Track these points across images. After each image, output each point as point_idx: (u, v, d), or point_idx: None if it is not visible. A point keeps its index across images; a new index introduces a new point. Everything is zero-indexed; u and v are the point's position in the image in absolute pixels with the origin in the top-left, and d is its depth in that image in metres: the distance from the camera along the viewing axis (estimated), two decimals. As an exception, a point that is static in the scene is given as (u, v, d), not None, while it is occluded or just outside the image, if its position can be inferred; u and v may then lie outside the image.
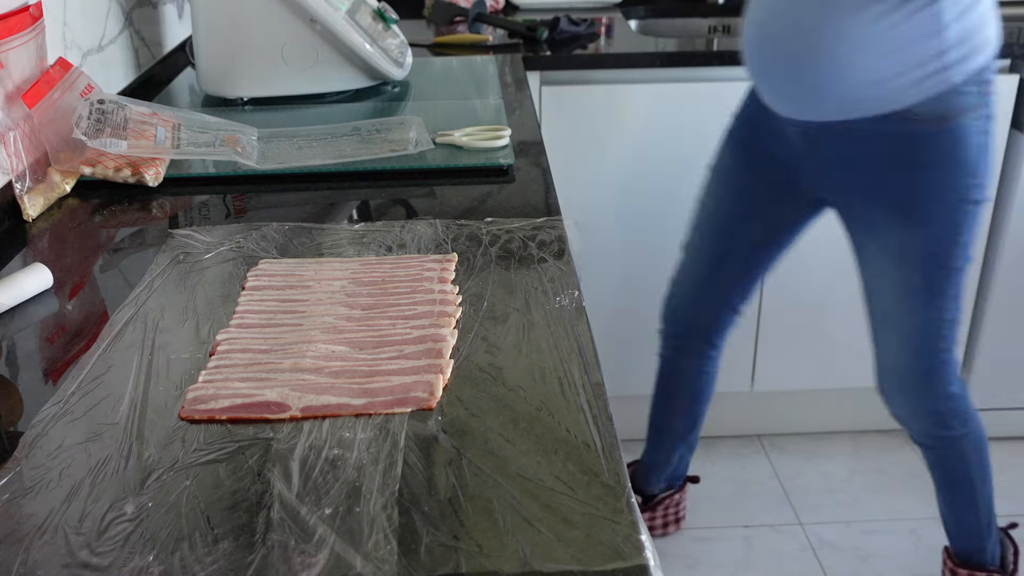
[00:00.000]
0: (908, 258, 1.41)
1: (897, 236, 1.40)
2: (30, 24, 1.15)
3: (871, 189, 1.40)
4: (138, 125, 1.23)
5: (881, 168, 1.37)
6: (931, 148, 1.33)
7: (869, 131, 1.34)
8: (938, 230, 1.38)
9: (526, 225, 1.06)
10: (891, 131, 1.33)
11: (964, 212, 1.37)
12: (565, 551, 0.58)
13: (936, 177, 1.35)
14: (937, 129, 1.32)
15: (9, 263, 1.03)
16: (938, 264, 1.40)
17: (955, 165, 1.34)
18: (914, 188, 1.36)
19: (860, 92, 1.30)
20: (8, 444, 0.70)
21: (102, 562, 0.58)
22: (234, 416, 0.72)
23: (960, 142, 1.32)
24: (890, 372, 1.55)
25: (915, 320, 1.46)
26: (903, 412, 1.59)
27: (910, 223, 1.38)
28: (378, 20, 1.62)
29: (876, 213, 1.41)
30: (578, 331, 0.83)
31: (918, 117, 1.31)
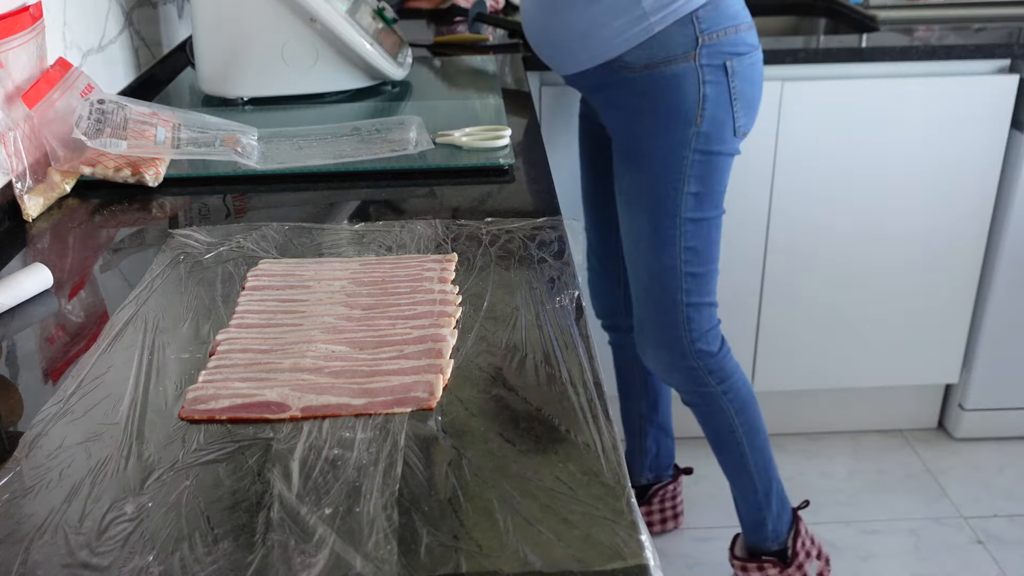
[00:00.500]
0: (636, 202, 1.48)
1: (627, 180, 1.48)
2: (30, 24, 1.15)
3: (614, 134, 1.49)
4: (138, 125, 1.23)
5: (617, 114, 1.46)
6: (645, 94, 1.40)
7: (601, 80, 1.43)
8: (659, 176, 1.43)
9: (526, 225, 1.06)
10: (613, 79, 1.42)
11: (685, 160, 1.41)
12: (565, 551, 0.58)
13: (650, 123, 1.41)
14: (647, 76, 1.38)
15: (9, 263, 1.03)
16: (663, 211, 1.45)
17: (668, 112, 1.39)
18: (636, 133, 1.43)
19: (579, 45, 1.41)
20: (8, 444, 0.70)
21: (102, 562, 0.58)
22: (234, 416, 0.72)
23: (672, 90, 1.38)
24: (640, 323, 1.59)
25: (650, 267, 1.51)
26: (658, 366, 1.62)
27: (633, 168, 1.46)
28: (378, 19, 1.62)
29: (617, 157, 1.50)
30: (578, 331, 0.83)
31: (628, 65, 1.39)
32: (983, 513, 2.07)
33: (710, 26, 1.37)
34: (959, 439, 2.30)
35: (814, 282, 2.12)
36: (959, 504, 2.09)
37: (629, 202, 1.50)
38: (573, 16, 1.39)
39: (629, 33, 1.36)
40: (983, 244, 2.10)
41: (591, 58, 1.41)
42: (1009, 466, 2.21)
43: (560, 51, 1.45)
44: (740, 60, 1.40)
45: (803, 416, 2.34)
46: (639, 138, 1.44)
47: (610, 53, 1.39)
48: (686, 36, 1.36)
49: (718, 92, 1.39)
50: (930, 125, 1.98)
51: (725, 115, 1.41)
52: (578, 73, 1.46)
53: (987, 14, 2.23)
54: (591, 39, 1.39)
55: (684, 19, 1.36)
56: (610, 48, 1.38)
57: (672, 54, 1.37)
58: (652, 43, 1.36)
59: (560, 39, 1.43)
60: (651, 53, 1.37)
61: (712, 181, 1.45)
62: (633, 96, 1.41)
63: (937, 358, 2.22)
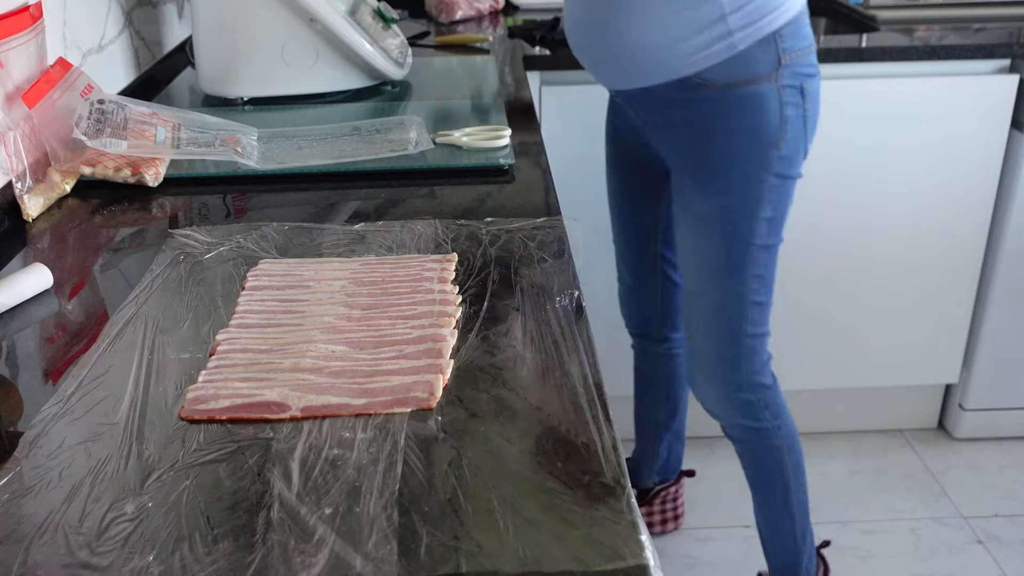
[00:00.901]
0: (709, 229, 1.39)
1: (700, 205, 1.39)
2: (30, 24, 1.15)
3: (678, 155, 1.39)
4: (138, 125, 1.23)
5: (684, 134, 1.36)
6: (724, 114, 1.31)
7: (669, 97, 1.34)
8: (736, 200, 1.35)
9: (526, 225, 1.06)
10: (687, 97, 1.32)
11: (765, 184, 1.34)
12: (565, 551, 0.58)
13: (731, 144, 1.33)
14: (729, 95, 1.30)
15: (9, 263, 1.03)
16: (737, 237, 1.37)
17: (750, 133, 1.31)
18: (711, 155, 1.35)
19: (649, 58, 1.30)
20: (8, 444, 0.70)
21: (102, 562, 0.58)
22: (234, 416, 0.72)
23: (756, 110, 1.30)
24: (698, 357, 1.52)
25: (716, 297, 1.43)
26: (711, 399, 1.55)
27: (709, 191, 1.37)
28: (378, 20, 1.62)
29: (683, 179, 1.40)
30: (578, 331, 0.83)
31: (708, 83, 1.30)
32: (983, 513, 2.07)
33: (791, 46, 1.30)
34: (959, 439, 2.30)
35: (813, 282, 2.12)
36: (959, 504, 2.09)
37: (698, 227, 1.40)
38: (645, 28, 1.28)
39: (711, 49, 1.27)
40: (983, 244, 2.10)
41: (663, 73, 1.31)
42: (1009, 466, 2.21)
43: (622, 64, 1.34)
44: (812, 82, 1.34)
45: (803, 416, 2.34)
46: (714, 160, 1.35)
47: (687, 69, 1.29)
48: (768, 55, 1.29)
49: (796, 114, 1.32)
50: (930, 125, 1.98)
51: (800, 138, 1.35)
52: (639, 89, 1.36)
53: (987, 14, 2.23)
54: (666, 53, 1.29)
55: (767, 37, 1.28)
56: (688, 64, 1.29)
57: (755, 73, 1.29)
58: (735, 61, 1.28)
59: (624, 51, 1.32)
60: (733, 71, 1.28)
61: (783, 206, 1.39)
62: (710, 116, 1.32)
63: (937, 358, 2.22)
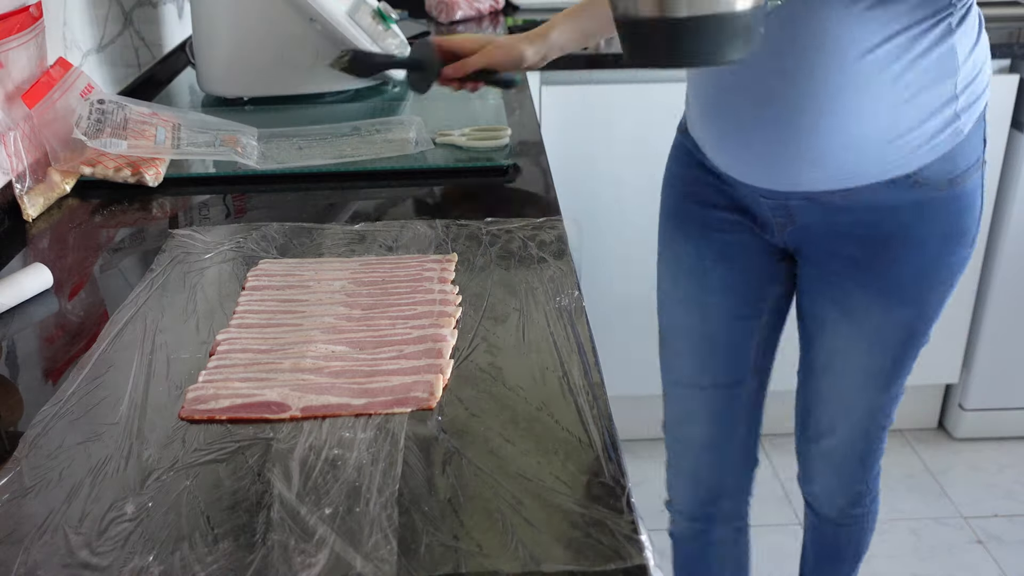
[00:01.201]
0: (883, 340, 1.16)
1: (876, 318, 1.14)
2: (30, 24, 1.15)
3: (856, 265, 1.11)
4: (138, 125, 1.23)
5: (873, 243, 1.09)
6: (936, 219, 1.06)
7: (866, 201, 1.05)
8: (923, 310, 1.14)
9: (526, 225, 1.06)
10: (893, 200, 1.04)
11: (952, 288, 1.14)
12: (565, 551, 0.58)
13: (934, 253, 1.09)
14: (944, 196, 1.05)
15: (9, 263, 1.03)
16: (914, 345, 1.17)
17: (957, 237, 1.08)
18: (902, 268, 1.10)
19: (864, 155, 1.01)
20: (8, 444, 0.70)
21: (102, 562, 0.58)
22: (234, 416, 0.72)
23: (966, 209, 1.07)
24: (824, 455, 1.32)
25: (872, 402, 1.23)
26: (824, 492, 1.36)
27: (892, 304, 1.13)
28: (378, 20, 1.62)
29: (855, 291, 1.13)
30: (578, 331, 0.83)
31: (926, 181, 1.03)
32: (983, 513, 2.07)
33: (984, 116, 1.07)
34: (959, 439, 2.30)
35: (814, 282, 2.12)
36: (959, 504, 2.09)
37: (872, 339, 1.16)
38: (868, 117, 0.99)
39: (939, 139, 1.01)
40: (983, 244, 2.10)
41: (877, 171, 1.03)
42: (1009, 466, 2.22)
43: (822, 163, 1.03)
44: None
45: (803, 416, 2.34)
46: (905, 273, 1.10)
47: (909, 165, 1.02)
48: (979, 137, 1.06)
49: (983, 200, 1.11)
50: (930, 125, 1.98)
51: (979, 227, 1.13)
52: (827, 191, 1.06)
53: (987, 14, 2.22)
54: (889, 147, 1.01)
55: (981, 115, 1.06)
56: (911, 159, 1.02)
57: (971, 161, 1.05)
58: (960, 150, 1.03)
59: (831, 148, 1.01)
60: (955, 163, 1.03)
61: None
62: (911, 221, 1.06)
63: (937, 358, 2.21)
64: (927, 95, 0.99)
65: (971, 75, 1.01)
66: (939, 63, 0.98)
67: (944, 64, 0.98)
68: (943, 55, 0.98)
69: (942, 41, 0.97)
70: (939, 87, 0.99)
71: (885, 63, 0.96)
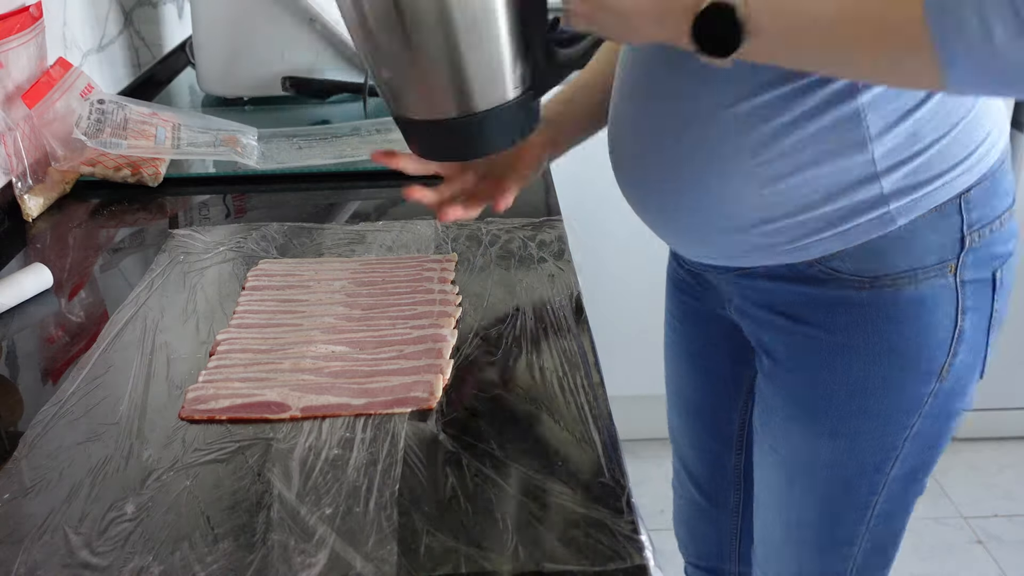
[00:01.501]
0: (805, 478, 0.93)
1: (796, 444, 0.92)
2: (30, 24, 1.15)
3: (778, 365, 0.90)
4: (138, 125, 1.23)
5: (792, 340, 0.88)
6: (856, 325, 0.84)
7: (772, 286, 0.87)
8: (857, 453, 0.90)
9: (526, 225, 1.06)
10: (806, 292, 0.85)
11: (906, 431, 0.89)
12: (565, 551, 0.58)
13: (862, 372, 0.85)
14: (870, 296, 0.83)
15: (9, 263, 1.03)
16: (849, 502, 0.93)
17: (896, 358, 0.85)
18: (823, 382, 0.88)
19: (751, 234, 0.83)
20: (8, 444, 0.70)
21: (102, 562, 0.58)
22: (234, 416, 0.72)
23: (911, 325, 0.83)
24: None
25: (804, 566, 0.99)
26: None
27: (813, 431, 0.90)
28: (378, 20, 1.62)
29: (775, 398, 0.92)
30: (578, 331, 0.83)
31: (838, 274, 0.83)
32: (983, 513, 2.07)
33: (984, 215, 0.82)
34: (959, 439, 2.29)
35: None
36: (959, 504, 2.09)
37: (791, 475, 0.94)
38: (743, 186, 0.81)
39: (849, 224, 0.80)
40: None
41: (769, 254, 0.84)
42: (1009, 466, 2.21)
43: (709, 240, 0.87)
44: (1008, 264, 0.86)
45: (803, 416, 2.34)
46: (835, 391, 0.87)
47: (809, 251, 0.82)
48: (946, 234, 0.81)
49: (977, 322, 0.86)
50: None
51: (977, 356, 0.90)
52: (735, 268, 0.89)
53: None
54: (773, 226, 0.82)
55: (946, 206, 0.80)
56: (812, 243, 0.82)
57: (919, 264, 0.81)
58: (890, 245, 0.80)
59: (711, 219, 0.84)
60: (882, 260, 0.81)
61: (934, 453, 0.94)
62: (839, 326, 0.85)
63: (937, 358, 2.21)
64: (819, 170, 0.78)
65: (904, 149, 0.78)
66: (834, 131, 0.78)
67: (843, 133, 0.77)
68: (840, 122, 0.77)
69: (836, 104, 0.77)
70: (838, 162, 0.78)
71: (750, 124, 0.78)
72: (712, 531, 1.20)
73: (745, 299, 0.91)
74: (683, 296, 1.06)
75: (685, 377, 1.12)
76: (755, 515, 1.04)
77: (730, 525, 1.18)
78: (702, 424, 1.13)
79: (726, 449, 1.12)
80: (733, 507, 1.16)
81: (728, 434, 1.11)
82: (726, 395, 1.09)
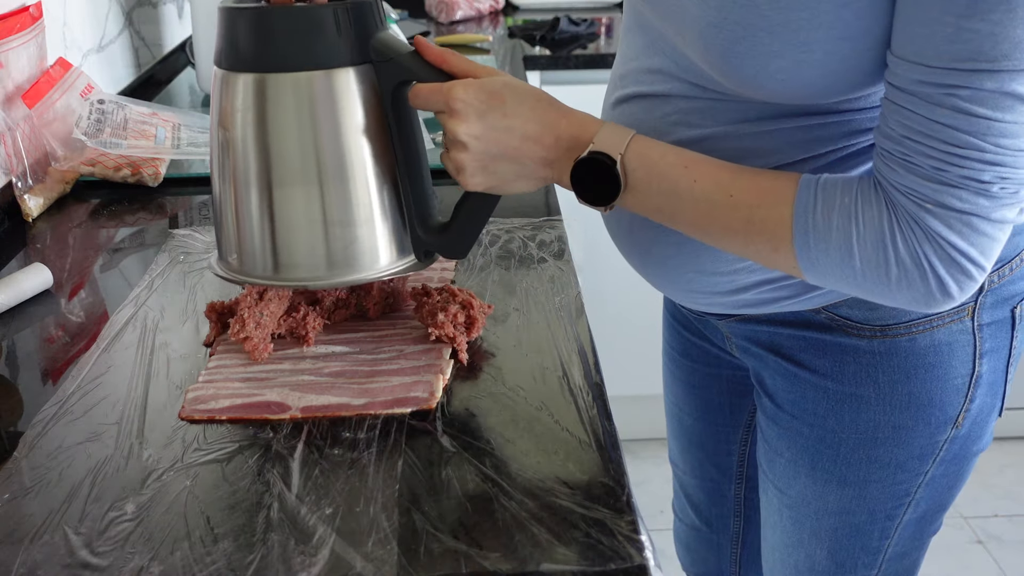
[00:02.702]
0: (812, 523, 0.90)
1: (802, 487, 0.89)
2: (30, 24, 1.15)
3: (784, 409, 0.88)
4: (138, 125, 1.23)
5: (801, 387, 0.85)
6: (869, 377, 0.81)
7: (776, 336, 0.85)
8: (867, 501, 0.87)
9: (526, 225, 1.06)
10: (812, 337, 0.83)
11: (920, 477, 0.86)
12: (565, 551, 0.58)
13: (872, 421, 0.83)
14: (881, 345, 0.80)
15: (9, 263, 1.03)
16: (859, 546, 0.90)
17: (910, 407, 0.81)
18: (832, 430, 0.85)
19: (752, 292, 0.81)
20: (8, 444, 0.70)
21: (102, 562, 0.58)
22: (234, 416, 0.72)
23: (924, 372, 0.80)
24: None
25: None
26: None
27: (821, 475, 0.87)
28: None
29: (780, 442, 0.90)
30: (578, 331, 0.83)
31: (847, 323, 0.80)
32: (983, 513, 2.07)
33: (1004, 254, 0.78)
34: (959, 439, 2.30)
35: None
36: (959, 504, 2.09)
37: (798, 518, 0.91)
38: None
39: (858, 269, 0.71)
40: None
41: (782, 302, 0.81)
42: (1009, 466, 2.21)
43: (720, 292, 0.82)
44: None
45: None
46: (843, 440, 0.84)
47: (818, 300, 0.80)
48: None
49: (996, 363, 0.82)
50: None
51: (996, 396, 0.84)
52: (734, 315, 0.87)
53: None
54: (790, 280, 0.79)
55: None
56: (821, 294, 0.79)
57: (927, 313, 0.78)
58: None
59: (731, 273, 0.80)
60: (896, 308, 0.77)
61: (951, 495, 0.89)
62: (847, 375, 0.82)
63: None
64: None
65: None
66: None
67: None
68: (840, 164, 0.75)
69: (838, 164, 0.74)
70: None
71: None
72: (712, 556, 1.18)
73: (747, 339, 0.89)
74: (682, 331, 1.04)
75: (684, 407, 1.10)
76: (762, 554, 1.01)
77: (730, 551, 1.16)
78: (703, 453, 1.11)
79: (726, 479, 1.10)
80: (734, 534, 1.14)
81: (728, 465, 1.09)
82: (725, 427, 1.07)
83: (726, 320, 0.89)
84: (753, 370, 0.91)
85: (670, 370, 1.11)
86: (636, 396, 1.93)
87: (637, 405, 1.93)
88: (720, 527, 1.14)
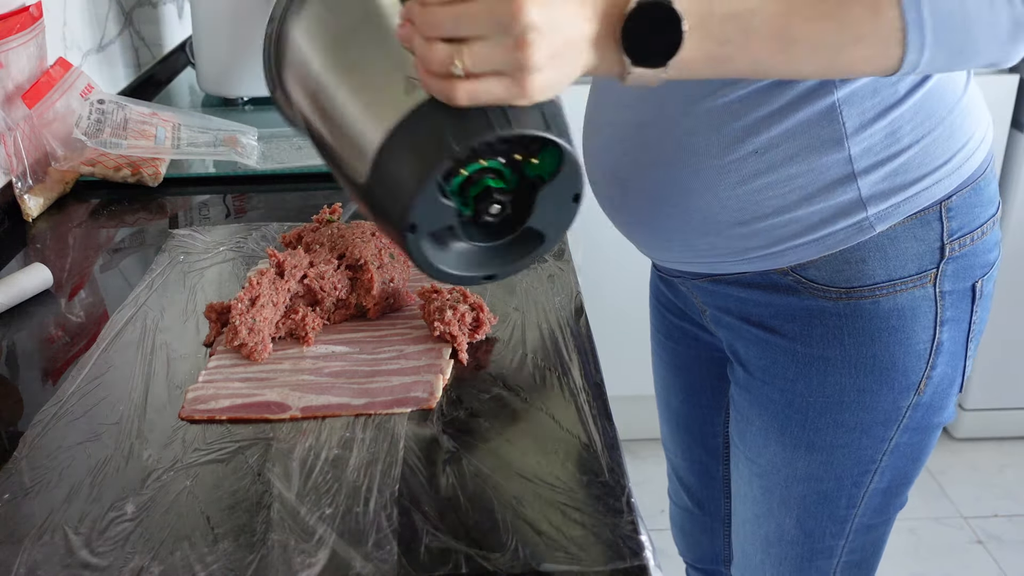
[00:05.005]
0: (782, 492, 0.92)
1: (774, 457, 0.90)
2: (30, 24, 1.15)
3: (754, 375, 0.89)
4: (138, 125, 1.23)
5: (770, 352, 0.86)
6: (836, 339, 0.82)
7: (746, 294, 0.86)
8: (834, 468, 0.88)
9: (526, 225, 1.06)
10: (779, 301, 0.84)
11: (884, 444, 0.87)
12: (565, 551, 0.58)
13: (836, 384, 0.84)
14: (845, 307, 0.81)
15: (9, 263, 1.03)
16: (828, 515, 0.91)
17: (873, 370, 0.83)
18: (799, 394, 0.86)
19: (717, 236, 0.81)
20: (8, 444, 0.70)
21: (102, 562, 0.58)
22: (234, 416, 0.72)
23: (886, 336, 0.81)
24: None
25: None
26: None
27: (789, 443, 0.88)
28: (378, 20, 1.61)
29: (750, 410, 0.91)
30: (578, 331, 0.83)
31: (811, 283, 0.81)
32: (983, 513, 2.07)
33: (966, 223, 0.81)
34: (959, 439, 2.30)
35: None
36: (959, 504, 2.09)
37: (768, 487, 0.92)
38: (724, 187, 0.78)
39: (825, 231, 0.78)
40: (983, 244, 2.10)
41: (735, 259, 0.83)
42: (1009, 466, 2.22)
43: (679, 243, 0.85)
44: (989, 275, 0.85)
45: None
46: (811, 404, 0.86)
47: (782, 258, 0.81)
48: (926, 243, 0.79)
49: (956, 334, 0.84)
50: (930, 125, 1.97)
51: (956, 368, 0.86)
52: (707, 274, 0.88)
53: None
54: (744, 229, 0.80)
55: (927, 212, 0.78)
56: (786, 250, 0.80)
57: (897, 274, 0.79)
58: (866, 252, 0.79)
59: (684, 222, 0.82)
60: (859, 269, 0.79)
61: (915, 466, 0.91)
62: (814, 337, 0.83)
63: (937, 358, 2.21)
64: (794, 168, 0.76)
65: (883, 150, 0.76)
66: (810, 127, 0.75)
67: (819, 129, 0.75)
68: (815, 117, 0.75)
69: (811, 99, 0.75)
70: (814, 160, 0.76)
71: (723, 119, 0.76)
72: (706, 538, 1.19)
73: (719, 308, 0.89)
74: (666, 313, 1.06)
75: (671, 389, 1.12)
76: (732, 529, 1.02)
77: (723, 532, 1.17)
78: (691, 436, 1.12)
79: (713, 460, 1.11)
80: (724, 515, 1.15)
81: (714, 446, 1.10)
82: (710, 408, 1.08)
83: (700, 284, 0.90)
84: (727, 341, 0.91)
85: (657, 354, 1.12)
86: (636, 396, 1.93)
87: (637, 405, 1.93)
88: (712, 509, 1.16)
